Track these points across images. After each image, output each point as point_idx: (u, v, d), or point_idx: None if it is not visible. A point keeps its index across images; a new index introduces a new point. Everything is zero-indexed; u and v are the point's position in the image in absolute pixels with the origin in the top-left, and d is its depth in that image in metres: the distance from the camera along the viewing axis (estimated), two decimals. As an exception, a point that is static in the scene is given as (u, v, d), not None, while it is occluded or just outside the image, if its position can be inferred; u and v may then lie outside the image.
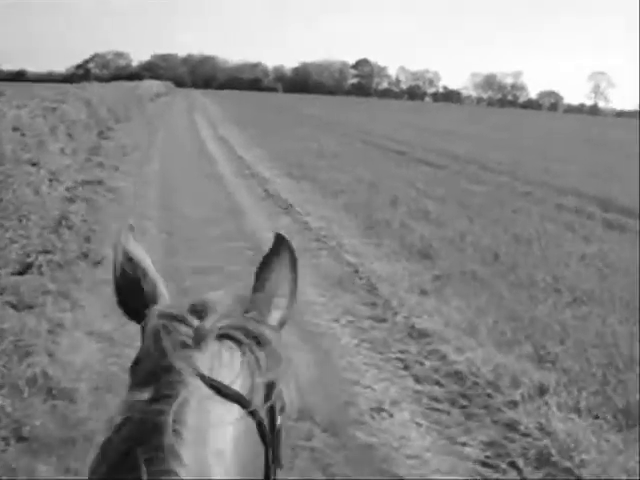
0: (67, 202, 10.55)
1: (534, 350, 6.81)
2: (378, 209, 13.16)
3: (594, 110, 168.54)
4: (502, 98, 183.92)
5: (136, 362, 1.17)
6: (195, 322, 1.13)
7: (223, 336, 1.13)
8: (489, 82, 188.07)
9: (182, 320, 1.14)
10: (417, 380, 6.23)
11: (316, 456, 4.87)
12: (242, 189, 15.71)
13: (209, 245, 10.21)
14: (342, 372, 6.30)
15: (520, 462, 4.98)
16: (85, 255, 8.30)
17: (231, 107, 57.49)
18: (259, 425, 1.11)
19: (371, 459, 4.94)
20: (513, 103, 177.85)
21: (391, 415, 5.59)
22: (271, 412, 1.17)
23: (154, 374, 1.07)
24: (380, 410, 5.66)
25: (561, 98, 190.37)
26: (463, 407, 5.77)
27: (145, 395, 1.04)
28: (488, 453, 5.10)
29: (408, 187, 16.34)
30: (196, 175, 17.41)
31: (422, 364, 6.53)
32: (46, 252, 7.97)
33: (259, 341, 1.16)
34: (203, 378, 1.06)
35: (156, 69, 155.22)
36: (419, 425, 5.46)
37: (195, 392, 1.04)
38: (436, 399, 5.89)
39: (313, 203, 13.80)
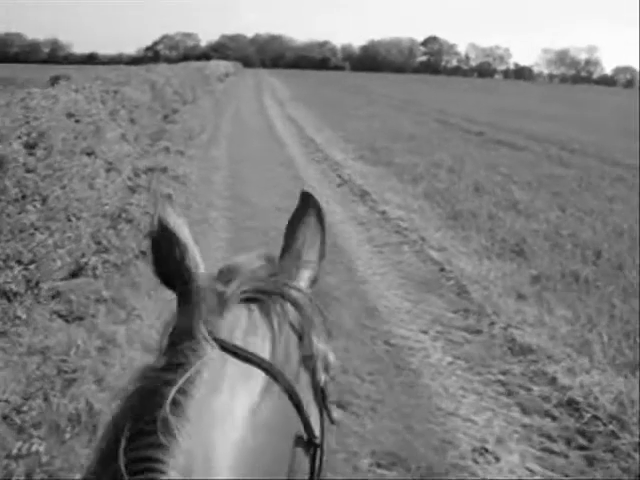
0: (127, 192, 9.80)
1: (662, 375, 5.78)
2: (461, 197, 12.11)
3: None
4: (575, 74, 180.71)
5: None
6: (220, 287, 1.09)
7: (249, 300, 1.08)
8: (562, 58, 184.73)
9: (205, 285, 1.10)
10: (524, 411, 5.28)
11: (413, 520, 4.00)
12: (314, 174, 14.81)
13: (282, 238, 9.36)
14: (436, 399, 5.39)
15: (664, 530, 4.02)
16: (144, 253, 7.51)
17: (299, 86, 56.66)
18: (290, 394, 1.04)
19: (480, 522, 4.05)
20: (587, 79, 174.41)
21: (497, 458, 4.67)
22: (312, 372, 1.13)
23: (174, 343, 1.02)
24: (484, 451, 4.75)
25: (638, 74, 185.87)
26: (583, 448, 4.81)
27: (159, 363, 0.98)
28: (622, 516, 4.16)
29: (491, 172, 15.18)
30: (265, 159, 16.52)
31: (529, 390, 5.58)
32: (101, 251, 7.22)
33: (287, 302, 1.11)
34: (222, 343, 0.99)
35: (224, 49, 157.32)
36: (532, 472, 4.54)
37: (210, 361, 0.96)
38: (549, 437, 4.94)
39: (390, 190, 12.77)
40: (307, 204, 1.35)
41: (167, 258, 1.22)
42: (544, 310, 7.12)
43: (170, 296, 1.23)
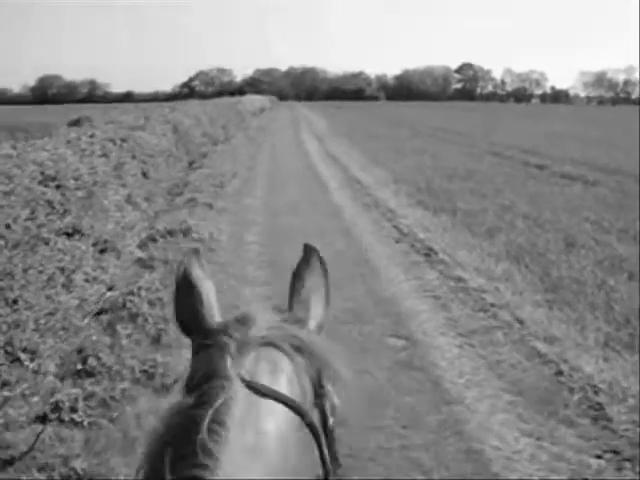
0: (135, 269, 7.57)
1: None
2: (553, 256, 9.73)
3: None
4: (614, 96, 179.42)
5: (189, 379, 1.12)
6: (240, 334, 1.12)
7: (267, 344, 1.12)
8: (600, 80, 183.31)
9: (226, 333, 1.13)
10: None
11: None
12: (366, 226, 12.54)
13: (338, 326, 7.03)
14: None
15: None
16: (150, 375, 5.29)
17: (336, 118, 54.74)
18: (308, 424, 1.07)
19: None
20: (626, 100, 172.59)
21: None
22: (322, 413, 1.15)
23: (199, 384, 1.05)
24: None
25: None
26: None
27: (188, 401, 1.01)
28: None
29: (575, 218, 12.77)
30: (307, 208, 14.21)
31: None
32: (86, 375, 5.03)
33: (300, 346, 1.14)
34: (245, 381, 1.04)
35: (259, 84, 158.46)
36: None
37: (236, 396, 1.01)
38: None
39: (462, 246, 10.41)
40: (310, 256, 1.38)
41: (186, 307, 1.24)
42: None
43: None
